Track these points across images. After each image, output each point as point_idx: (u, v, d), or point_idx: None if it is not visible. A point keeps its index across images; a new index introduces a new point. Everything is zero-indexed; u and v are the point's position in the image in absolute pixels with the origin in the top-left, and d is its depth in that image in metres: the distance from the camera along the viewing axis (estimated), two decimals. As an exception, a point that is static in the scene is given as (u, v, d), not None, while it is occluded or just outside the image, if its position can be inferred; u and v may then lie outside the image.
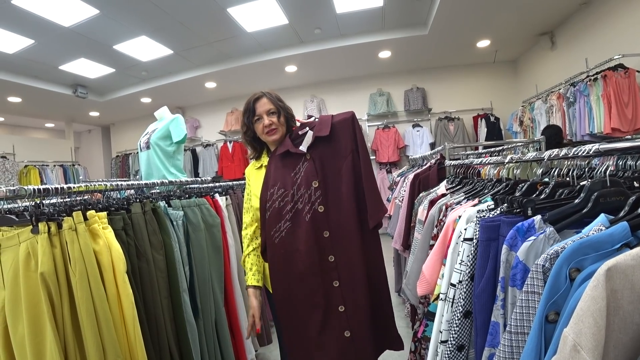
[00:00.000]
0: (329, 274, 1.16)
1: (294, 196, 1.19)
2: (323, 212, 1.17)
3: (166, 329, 1.25)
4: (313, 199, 1.18)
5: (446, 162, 2.08)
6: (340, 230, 1.18)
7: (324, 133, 1.20)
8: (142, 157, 2.50)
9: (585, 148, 0.88)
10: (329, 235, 1.17)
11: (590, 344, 0.41)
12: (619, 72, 3.07)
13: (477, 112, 5.65)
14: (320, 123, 1.24)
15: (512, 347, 0.63)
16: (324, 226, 1.17)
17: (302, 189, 1.19)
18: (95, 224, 1.08)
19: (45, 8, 3.39)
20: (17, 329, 0.94)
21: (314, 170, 1.19)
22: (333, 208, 1.18)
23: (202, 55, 4.95)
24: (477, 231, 0.92)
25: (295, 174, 1.21)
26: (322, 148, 1.22)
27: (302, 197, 1.18)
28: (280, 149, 1.25)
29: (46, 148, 6.82)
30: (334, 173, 1.21)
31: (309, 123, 1.28)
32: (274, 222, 1.20)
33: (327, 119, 1.24)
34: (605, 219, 0.62)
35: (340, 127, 1.22)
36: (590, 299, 0.43)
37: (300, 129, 1.26)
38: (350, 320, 1.15)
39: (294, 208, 1.18)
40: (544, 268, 0.59)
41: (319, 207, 1.17)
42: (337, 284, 1.16)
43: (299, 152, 1.22)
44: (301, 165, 1.21)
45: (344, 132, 1.22)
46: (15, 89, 5.24)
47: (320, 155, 1.22)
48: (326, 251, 1.17)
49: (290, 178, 1.21)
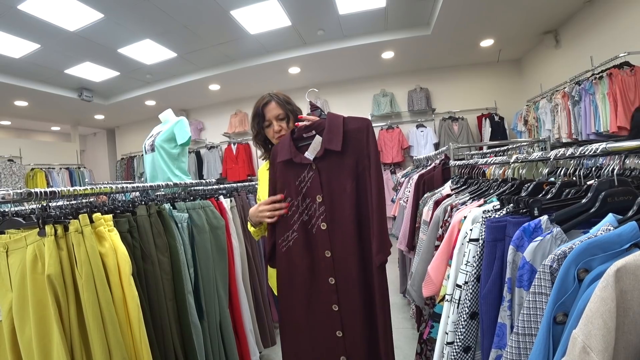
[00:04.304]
0: (329, 296, 1.10)
1: (299, 207, 1.13)
2: (325, 230, 1.10)
3: (171, 330, 1.26)
4: (317, 213, 1.11)
5: (451, 163, 2.07)
6: (342, 252, 1.09)
7: (334, 147, 1.07)
8: (147, 160, 2.52)
9: (592, 147, 0.88)
10: (330, 256, 1.10)
11: (600, 345, 0.41)
12: (624, 70, 3.04)
13: (482, 112, 5.61)
14: (331, 130, 1.09)
15: (520, 348, 0.62)
16: (325, 245, 1.10)
17: (308, 200, 1.12)
18: (101, 227, 1.08)
19: (50, 13, 3.43)
20: (25, 330, 0.95)
21: (318, 184, 1.11)
22: (337, 228, 1.10)
23: (206, 57, 4.97)
24: (483, 232, 0.91)
25: (300, 182, 1.13)
26: (330, 160, 1.10)
27: (308, 209, 1.12)
28: (282, 154, 1.15)
29: (52, 151, 6.89)
30: (340, 191, 1.10)
31: (315, 123, 1.14)
32: (282, 230, 1.15)
33: (337, 125, 1.10)
34: (614, 219, 0.61)
35: (353, 138, 1.09)
36: (599, 300, 0.43)
37: (306, 130, 1.14)
38: (347, 346, 1.09)
39: (300, 219, 1.13)
40: (552, 269, 0.58)
41: (322, 223, 1.10)
42: (337, 308, 1.09)
43: (305, 162, 1.12)
44: (306, 174, 1.12)
45: (356, 144, 1.09)
46: (21, 93, 5.30)
47: (327, 167, 1.11)
48: (327, 272, 1.10)
49: (295, 187, 1.13)
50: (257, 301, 2.11)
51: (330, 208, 1.10)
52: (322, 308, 1.11)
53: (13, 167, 5.59)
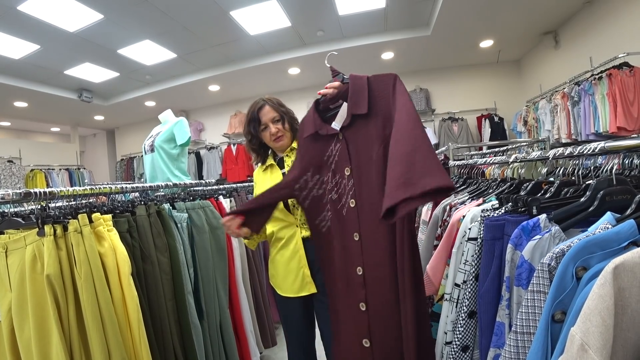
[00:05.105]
0: (355, 292, 0.97)
1: (328, 184, 1.02)
2: (354, 207, 0.97)
3: (171, 331, 1.25)
4: (347, 189, 0.99)
5: (450, 163, 2.07)
6: (372, 234, 0.95)
7: (360, 110, 0.95)
8: (147, 160, 2.52)
9: (591, 146, 0.88)
10: (358, 240, 0.96)
11: (598, 343, 0.41)
12: (624, 71, 3.05)
13: (481, 113, 5.61)
14: (355, 93, 0.97)
15: (518, 347, 0.62)
16: (353, 226, 0.97)
17: (338, 175, 1.01)
18: (101, 227, 1.08)
19: (50, 13, 3.43)
20: (24, 330, 0.95)
21: (346, 156, 0.99)
22: (366, 204, 0.96)
23: (206, 58, 4.97)
24: (482, 230, 0.91)
25: (328, 157, 1.03)
26: (357, 126, 0.99)
27: (338, 186, 1.01)
28: (307, 128, 1.06)
29: (52, 152, 6.88)
30: (367, 159, 0.97)
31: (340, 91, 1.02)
32: (316, 211, 1.05)
33: (361, 86, 0.96)
34: (612, 217, 0.62)
35: (379, 97, 0.95)
36: (597, 297, 0.43)
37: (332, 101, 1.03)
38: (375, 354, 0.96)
39: (329, 198, 1.02)
40: (550, 267, 0.58)
41: (350, 200, 0.98)
42: (364, 308, 0.96)
43: (331, 132, 1.01)
44: (334, 147, 1.02)
45: (383, 104, 0.94)
46: (21, 94, 5.29)
47: (354, 136, 0.99)
48: (354, 260, 0.97)
49: (324, 163, 1.03)
50: (257, 301, 2.10)
51: (359, 181, 0.97)
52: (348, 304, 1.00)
53: (13, 168, 5.59)
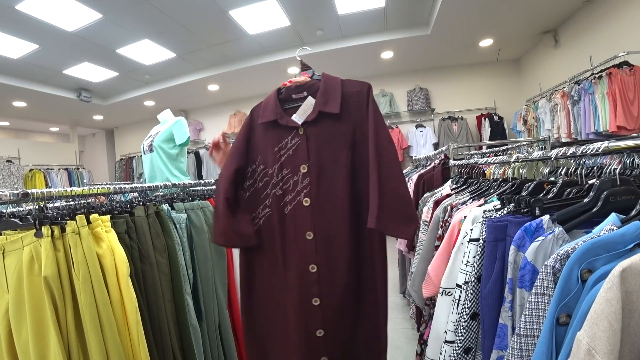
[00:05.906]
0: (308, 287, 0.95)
1: (272, 178, 0.96)
2: (308, 206, 0.93)
3: (170, 332, 1.25)
4: (299, 187, 0.94)
5: (450, 162, 2.07)
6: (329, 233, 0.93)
7: (331, 109, 0.92)
8: (146, 160, 2.51)
9: (594, 146, 0.87)
10: (312, 238, 0.94)
11: (605, 348, 0.40)
12: (624, 70, 3.04)
13: (481, 112, 5.61)
14: (326, 90, 0.94)
15: (522, 350, 0.62)
16: (307, 225, 0.94)
17: (286, 171, 0.96)
18: (99, 228, 1.07)
19: (49, 13, 3.41)
20: (21, 332, 0.94)
21: (305, 152, 0.94)
22: (324, 205, 0.93)
23: (205, 58, 4.96)
24: (484, 231, 0.90)
25: (280, 149, 0.96)
26: (323, 125, 0.94)
27: (285, 182, 0.95)
28: (265, 114, 0.98)
29: (51, 152, 6.87)
30: (332, 161, 0.94)
31: (306, 84, 0.98)
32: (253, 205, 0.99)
33: (334, 86, 0.95)
34: (617, 219, 0.61)
35: (352, 102, 0.94)
36: (604, 301, 0.42)
37: (296, 91, 0.98)
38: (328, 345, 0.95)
39: (272, 193, 0.96)
40: (554, 269, 0.58)
41: (304, 199, 0.93)
42: (317, 302, 0.94)
43: (291, 125, 0.95)
44: (289, 140, 0.96)
45: (355, 110, 0.93)
46: (20, 94, 5.28)
47: (318, 134, 0.95)
48: (308, 257, 0.94)
49: (273, 154, 0.97)
50: (256, 302, 2.09)
51: (317, 181, 0.94)
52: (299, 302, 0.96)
53: (11, 168, 5.57)
